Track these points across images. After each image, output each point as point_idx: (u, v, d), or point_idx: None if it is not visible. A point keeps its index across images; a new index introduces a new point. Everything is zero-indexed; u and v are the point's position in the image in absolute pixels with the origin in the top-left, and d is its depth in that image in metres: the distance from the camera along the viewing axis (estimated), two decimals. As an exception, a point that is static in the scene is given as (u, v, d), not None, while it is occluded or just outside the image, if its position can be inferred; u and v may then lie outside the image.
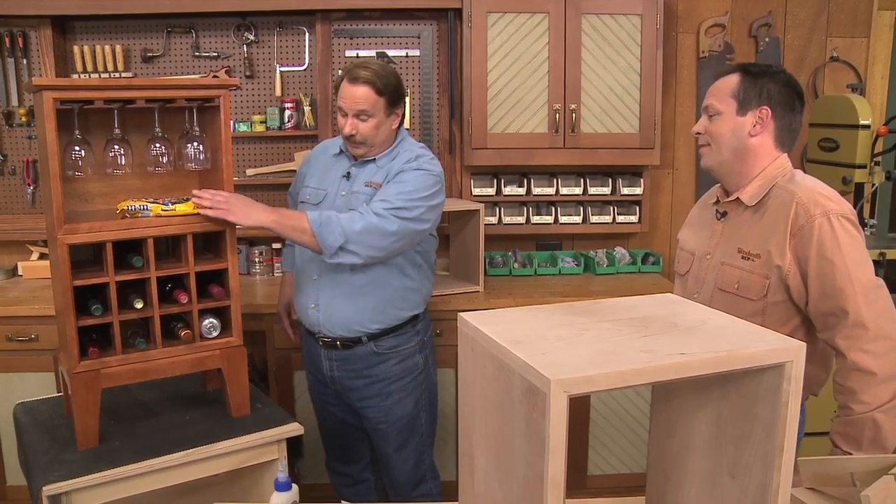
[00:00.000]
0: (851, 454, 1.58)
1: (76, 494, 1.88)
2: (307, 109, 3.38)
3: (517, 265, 3.47)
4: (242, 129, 3.39)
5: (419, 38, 3.40)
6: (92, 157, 2.08)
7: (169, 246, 2.19)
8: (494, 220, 3.43)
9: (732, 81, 1.74)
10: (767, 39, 3.56)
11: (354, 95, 2.26)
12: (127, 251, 2.04)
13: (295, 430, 2.16)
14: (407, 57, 3.40)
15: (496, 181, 3.45)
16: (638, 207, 3.50)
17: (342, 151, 2.45)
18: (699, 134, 1.80)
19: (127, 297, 2.05)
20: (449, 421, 3.03)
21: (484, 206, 3.20)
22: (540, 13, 3.20)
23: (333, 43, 3.36)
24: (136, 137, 2.15)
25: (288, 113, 3.38)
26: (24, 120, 3.32)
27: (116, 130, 2.09)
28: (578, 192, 3.46)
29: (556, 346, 1.03)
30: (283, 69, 3.41)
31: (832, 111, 3.25)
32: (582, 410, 3.15)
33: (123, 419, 2.18)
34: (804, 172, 1.77)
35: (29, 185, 3.37)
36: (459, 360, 1.21)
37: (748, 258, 1.71)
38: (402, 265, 2.38)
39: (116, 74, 3.30)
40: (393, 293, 2.37)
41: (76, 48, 3.28)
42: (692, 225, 1.98)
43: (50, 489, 1.83)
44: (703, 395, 1.22)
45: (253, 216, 2.12)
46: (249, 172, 3.43)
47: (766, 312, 1.69)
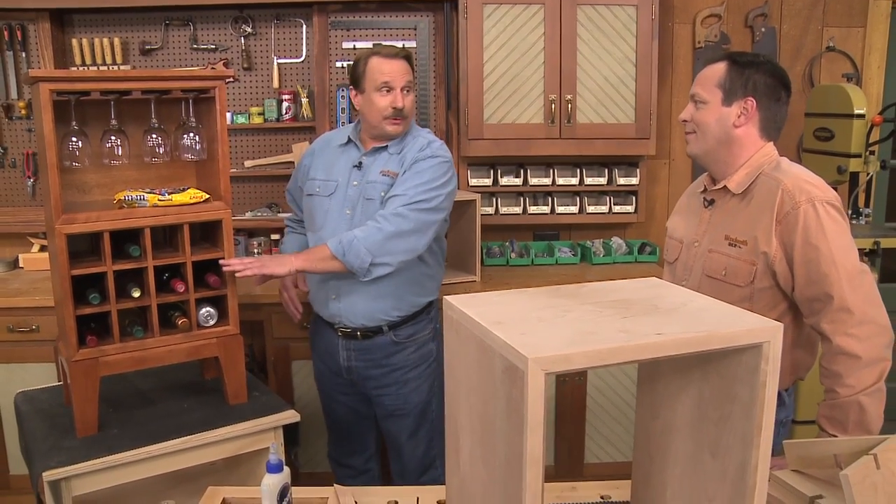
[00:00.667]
0: (837, 437, 1.60)
1: (75, 480, 1.91)
2: (305, 101, 3.40)
3: (514, 255, 3.48)
4: (240, 120, 3.41)
5: (416, 29, 3.41)
6: (89, 147, 2.10)
7: (166, 236, 2.21)
8: (491, 210, 3.45)
9: (719, 71, 1.75)
10: (763, 29, 3.56)
11: (400, 69, 2.32)
12: (124, 241, 2.06)
13: (291, 417, 2.19)
14: (403, 48, 3.40)
15: (493, 172, 3.46)
16: (634, 197, 3.51)
17: (350, 141, 2.45)
18: (686, 121, 1.82)
19: (124, 286, 2.07)
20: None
21: (481, 196, 3.20)
22: (535, 4, 3.20)
23: (330, 35, 3.38)
24: (132, 128, 2.17)
25: (286, 105, 3.39)
26: (23, 113, 3.34)
27: (113, 121, 2.11)
28: (575, 182, 3.47)
29: (536, 326, 1.05)
30: (280, 61, 3.43)
31: (827, 101, 3.26)
32: (579, 399, 3.17)
33: (122, 407, 2.21)
34: (799, 163, 1.79)
35: (29, 177, 3.39)
36: (445, 342, 1.23)
37: (735, 245, 1.73)
38: None
39: (115, 67, 3.31)
40: (411, 280, 2.40)
41: (75, 41, 3.30)
42: (681, 213, 1.99)
43: (49, 475, 1.86)
44: (685, 377, 1.24)
45: (286, 264, 2.25)
46: (248, 164, 3.46)
47: (753, 298, 1.71)
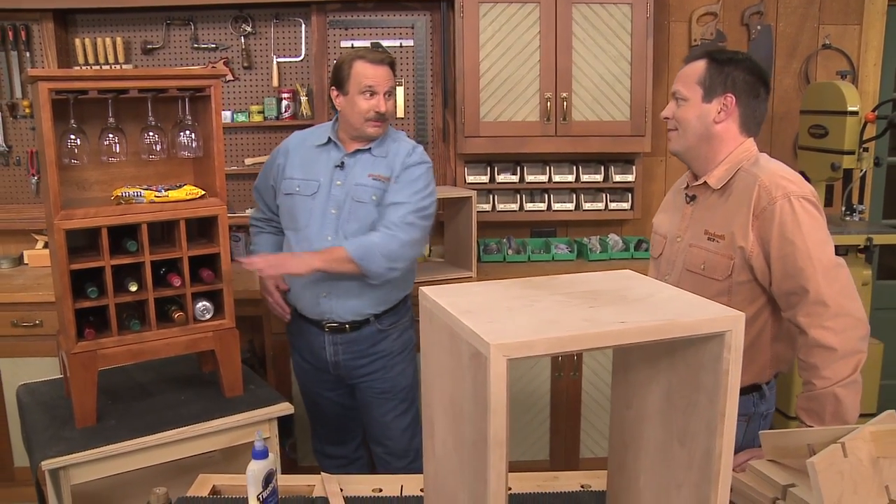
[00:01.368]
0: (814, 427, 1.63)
1: (74, 469, 1.96)
2: (304, 99, 3.45)
3: (511, 252, 3.52)
4: (241, 119, 3.46)
5: (413, 28, 3.45)
6: (88, 145, 2.15)
7: (164, 231, 2.26)
8: (488, 207, 3.48)
9: (699, 68, 1.78)
10: (759, 27, 3.58)
11: (384, 74, 2.39)
12: (122, 236, 2.11)
13: (285, 409, 2.24)
14: (401, 47, 3.46)
15: (490, 169, 3.49)
16: (630, 194, 3.54)
17: (330, 141, 2.47)
18: (667, 118, 1.85)
19: (122, 280, 2.12)
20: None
21: (477, 193, 3.24)
22: (531, 3, 3.24)
23: (329, 34, 3.42)
24: (130, 126, 2.22)
25: (285, 103, 3.44)
26: (27, 112, 3.40)
27: (111, 120, 2.16)
28: (571, 179, 3.50)
29: (503, 315, 1.09)
30: (279, 60, 3.48)
31: (822, 98, 3.28)
32: (574, 394, 3.21)
33: (120, 399, 2.26)
34: (795, 160, 1.81)
35: (33, 175, 3.44)
36: (420, 331, 1.27)
37: (713, 239, 1.76)
38: None
39: (117, 66, 3.37)
40: (398, 276, 2.45)
41: (77, 41, 3.36)
42: (666, 209, 2.03)
43: (49, 463, 1.91)
44: (654, 366, 1.27)
45: (306, 263, 2.30)
46: (248, 161, 3.51)
47: (731, 292, 1.74)
